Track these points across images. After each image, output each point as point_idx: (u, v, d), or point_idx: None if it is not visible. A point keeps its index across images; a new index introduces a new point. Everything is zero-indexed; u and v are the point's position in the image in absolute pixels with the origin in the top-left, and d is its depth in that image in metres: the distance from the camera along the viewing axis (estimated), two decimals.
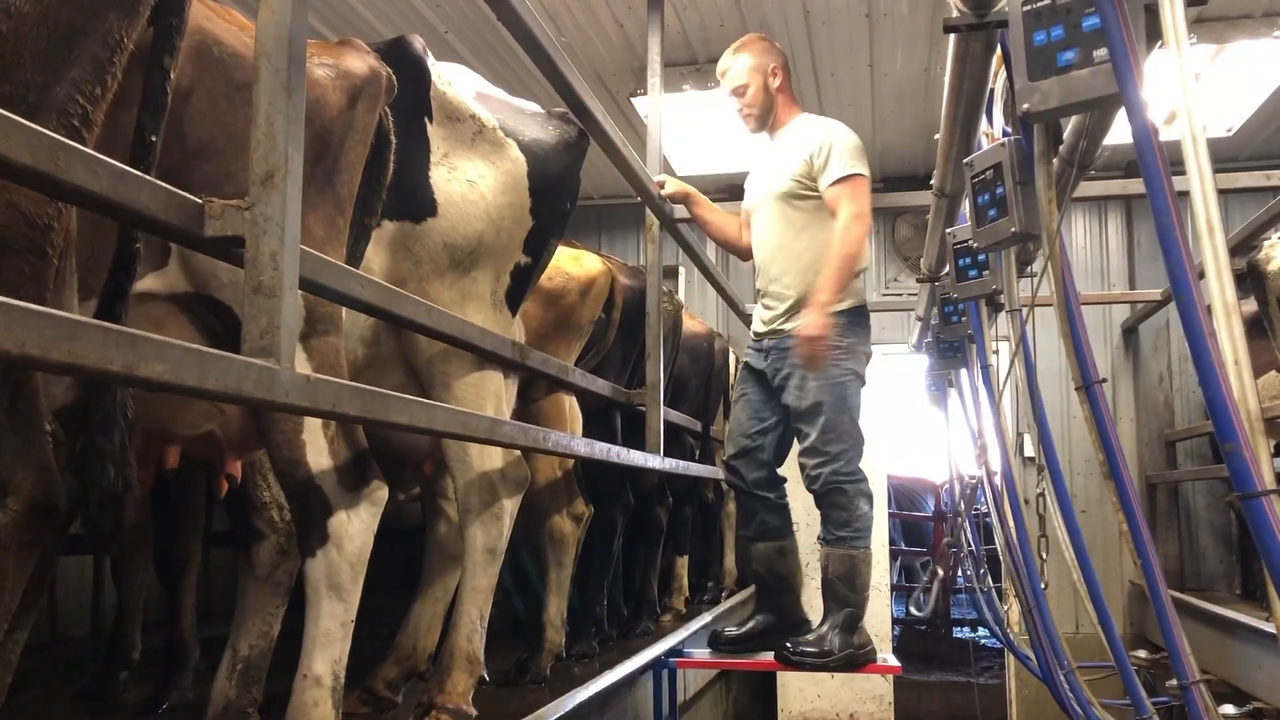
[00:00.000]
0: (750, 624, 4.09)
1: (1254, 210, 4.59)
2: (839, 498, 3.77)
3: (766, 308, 4.03)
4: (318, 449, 2.17)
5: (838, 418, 3.78)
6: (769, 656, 4.05)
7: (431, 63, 2.69)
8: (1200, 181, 1.36)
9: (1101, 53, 1.57)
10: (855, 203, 3.77)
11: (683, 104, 6.30)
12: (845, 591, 3.79)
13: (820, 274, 3.75)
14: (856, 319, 3.91)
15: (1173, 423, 7.37)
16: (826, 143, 3.84)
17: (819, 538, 3.90)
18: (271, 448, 2.19)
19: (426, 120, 2.65)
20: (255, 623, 2.39)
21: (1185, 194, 1.40)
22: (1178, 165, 1.42)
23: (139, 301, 2.00)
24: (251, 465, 2.50)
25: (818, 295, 3.69)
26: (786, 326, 3.90)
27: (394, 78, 2.34)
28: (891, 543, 8.12)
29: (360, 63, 2.26)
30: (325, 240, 2.14)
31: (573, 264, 3.88)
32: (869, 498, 3.83)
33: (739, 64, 4.05)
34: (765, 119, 4.09)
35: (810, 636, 3.83)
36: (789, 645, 3.81)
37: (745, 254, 4.26)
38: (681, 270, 7.89)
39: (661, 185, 4.01)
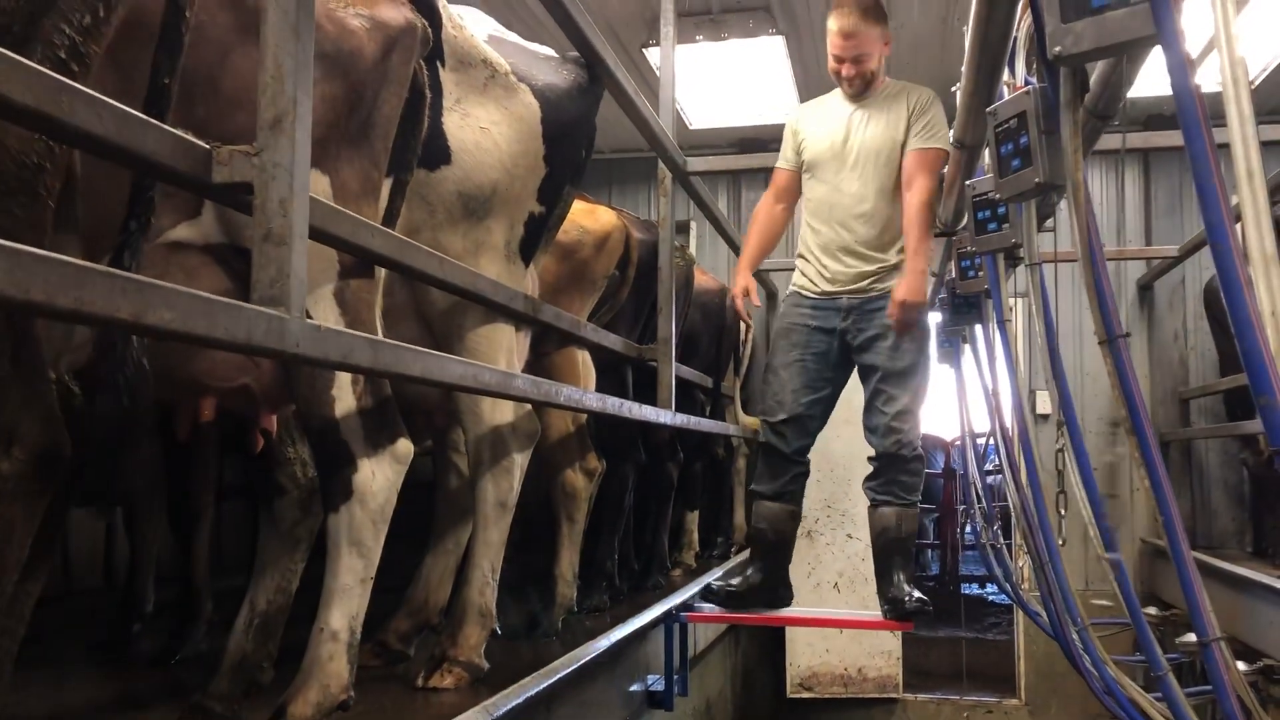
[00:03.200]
0: (744, 580, 4.09)
1: (1274, 166, 4.51)
2: (915, 464, 3.94)
3: (850, 265, 3.98)
4: (346, 405, 2.16)
5: (925, 382, 3.96)
6: (781, 612, 4.07)
7: (443, 4, 2.63)
8: (1240, 124, 1.31)
9: None
10: (936, 176, 3.90)
11: (696, 55, 6.21)
12: (912, 547, 4.01)
13: (910, 240, 3.87)
14: None
15: (1187, 380, 7.32)
16: (926, 104, 3.96)
17: (886, 498, 3.93)
18: (300, 402, 2.18)
19: (439, 64, 2.60)
20: (274, 578, 2.38)
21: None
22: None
23: (172, 251, 1.97)
24: (279, 420, 2.48)
25: (914, 263, 3.83)
26: (880, 287, 3.94)
27: (429, 29, 2.29)
28: None
29: (396, 13, 2.21)
30: (361, 195, 2.11)
31: (587, 218, 3.84)
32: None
33: (870, 34, 3.95)
34: (869, 87, 4.05)
35: (897, 594, 3.87)
36: (897, 602, 3.85)
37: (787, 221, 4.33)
38: (693, 225, 7.83)
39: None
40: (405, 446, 2.27)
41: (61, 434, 1.48)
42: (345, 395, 2.17)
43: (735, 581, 4.09)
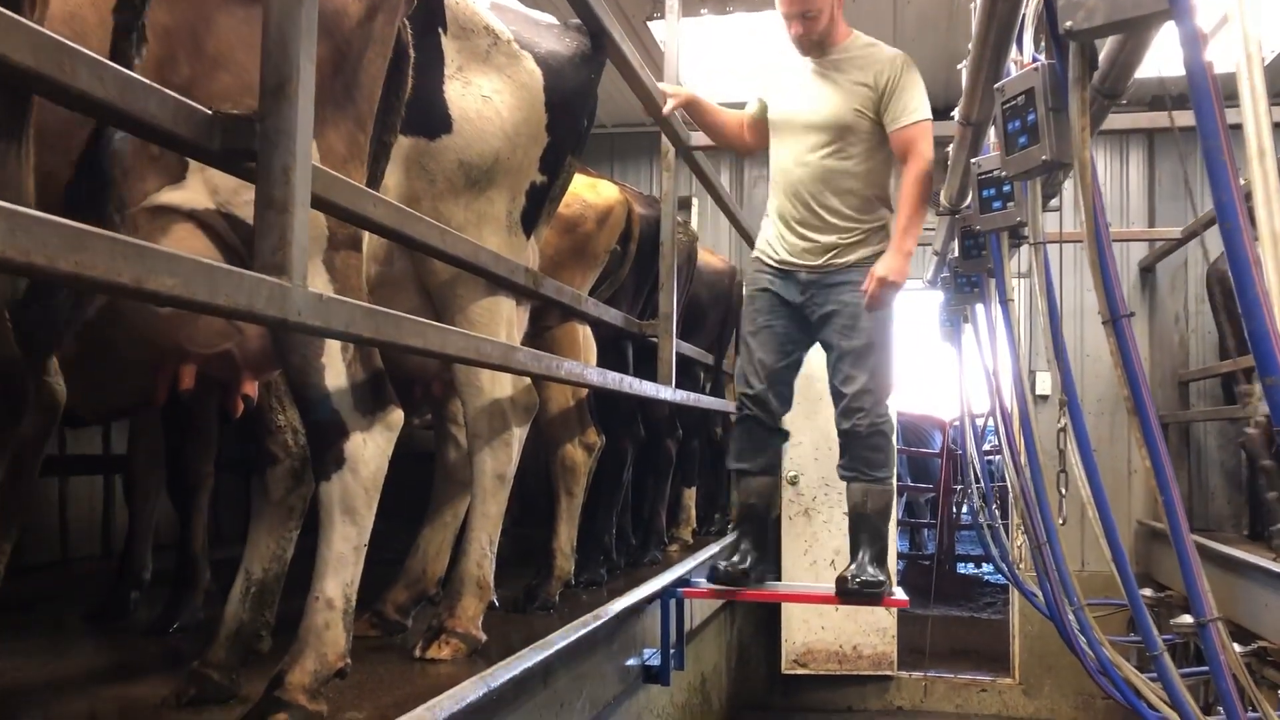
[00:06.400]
0: (745, 558, 4.04)
1: None
2: (880, 440, 3.85)
3: (805, 238, 3.88)
4: (336, 372, 2.14)
5: (886, 358, 3.85)
6: (777, 588, 4.09)
7: None
8: (1253, 102, 1.30)
9: None
10: (929, 148, 3.76)
11: (700, 28, 6.17)
12: (881, 526, 3.90)
13: (899, 218, 3.76)
14: None
15: (1187, 363, 7.32)
16: (897, 78, 3.75)
17: (853, 475, 3.90)
18: (290, 370, 2.16)
19: (440, 31, 2.58)
20: (268, 546, 2.38)
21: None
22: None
23: (153, 215, 1.95)
24: (268, 389, 2.47)
25: (902, 243, 3.71)
26: (838, 262, 3.84)
27: None
28: (898, 479, 8.14)
29: None
30: (348, 158, 2.09)
31: (590, 192, 3.83)
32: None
33: None
34: (826, 44, 3.87)
35: (853, 567, 3.85)
36: (841, 580, 3.85)
37: (746, 151, 4.27)
38: (695, 201, 7.80)
39: (664, 100, 3.82)
40: (396, 414, 2.25)
41: (16, 373, 1.45)
42: (335, 363, 2.15)
43: (735, 559, 4.05)
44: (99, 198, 1.71)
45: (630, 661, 3.90)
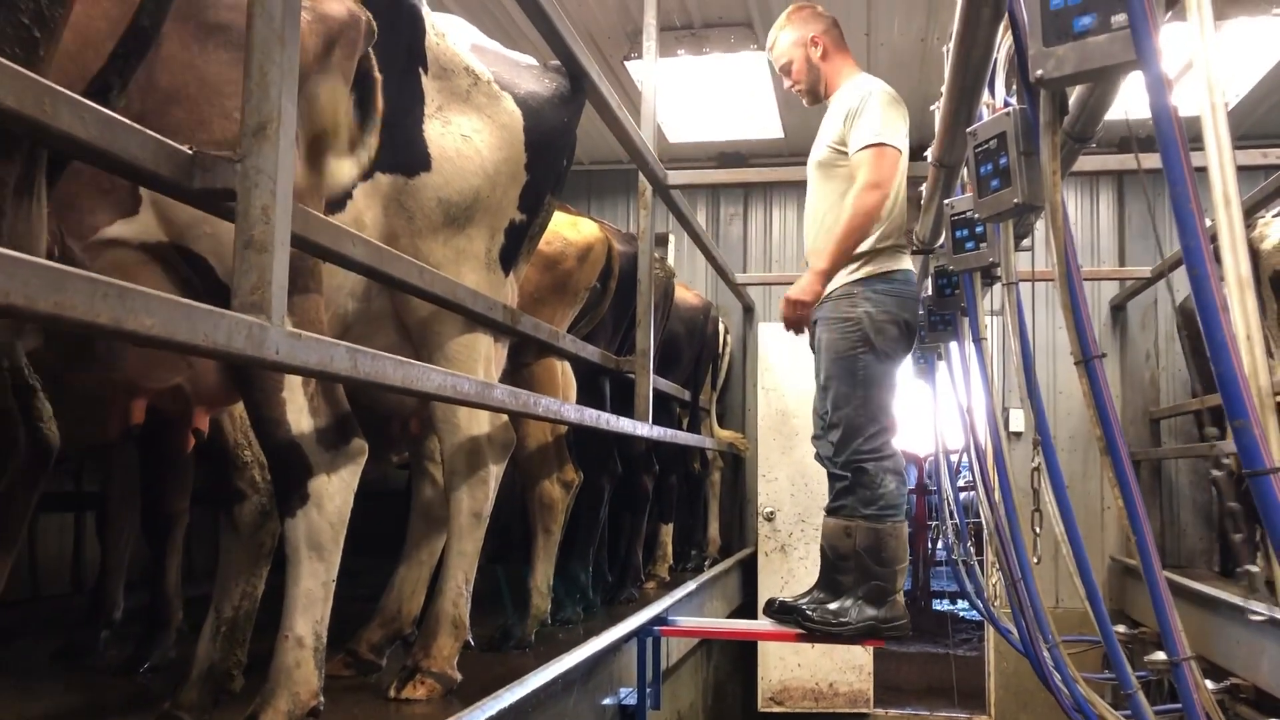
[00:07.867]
0: (805, 595, 3.93)
1: (1248, 189, 4.57)
2: (861, 476, 3.73)
3: None
4: (298, 407, 2.13)
5: (847, 391, 3.74)
6: (751, 626, 4.06)
7: (426, 12, 2.62)
8: (1218, 152, 1.33)
9: (1120, 19, 1.53)
10: (874, 171, 3.64)
11: (677, 69, 6.24)
12: (870, 564, 3.73)
13: (822, 239, 3.72)
14: (877, 288, 3.79)
15: (1158, 400, 7.39)
16: (859, 106, 3.73)
17: (832, 508, 3.84)
18: (251, 406, 2.15)
19: (421, 71, 2.60)
20: (238, 584, 2.36)
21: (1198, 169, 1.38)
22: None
23: (104, 248, 1.94)
24: (234, 424, 2.46)
25: (817, 261, 3.66)
26: (824, 296, 3.82)
27: (374, 22, 2.27)
28: None
29: (338, 6, 2.17)
30: (307, 191, 2.09)
31: (570, 229, 3.85)
32: (896, 473, 3.77)
33: (782, 40, 3.97)
34: (816, 91, 3.97)
35: (832, 606, 3.76)
36: (805, 613, 3.77)
37: None
38: (671, 238, 7.85)
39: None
40: (359, 445, 2.23)
41: (15, 426, 1.45)
42: (297, 397, 2.13)
43: (788, 598, 3.93)
44: None
45: (606, 701, 3.87)
